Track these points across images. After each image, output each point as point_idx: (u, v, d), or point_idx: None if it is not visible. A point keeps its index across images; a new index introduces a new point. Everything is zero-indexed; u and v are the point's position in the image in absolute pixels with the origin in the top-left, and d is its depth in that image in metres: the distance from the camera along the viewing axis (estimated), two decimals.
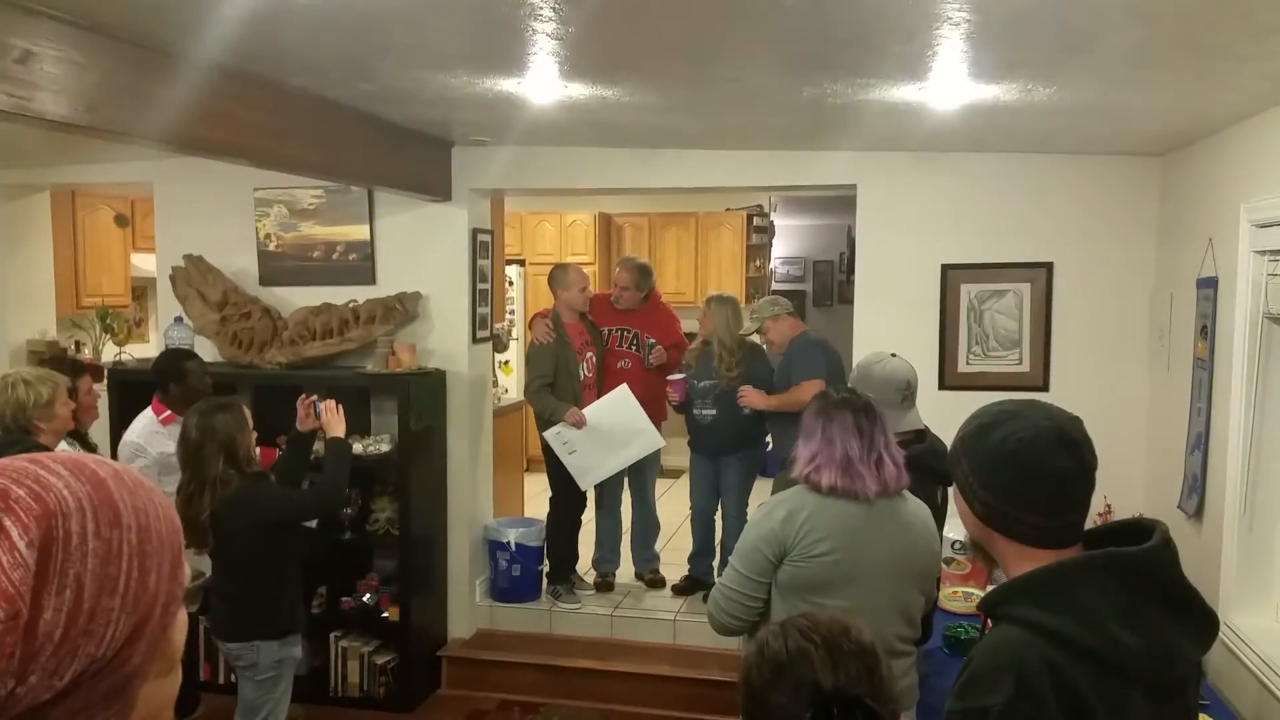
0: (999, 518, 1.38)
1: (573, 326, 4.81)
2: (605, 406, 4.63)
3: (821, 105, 3.30)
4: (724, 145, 4.51)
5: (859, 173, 4.49)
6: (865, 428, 2.20)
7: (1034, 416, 1.37)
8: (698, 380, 4.72)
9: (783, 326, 4.29)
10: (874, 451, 2.19)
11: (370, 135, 4.01)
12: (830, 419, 2.22)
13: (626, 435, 4.65)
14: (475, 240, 4.83)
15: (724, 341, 4.61)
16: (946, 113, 3.33)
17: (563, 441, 4.61)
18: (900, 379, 2.73)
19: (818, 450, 2.21)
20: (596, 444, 4.61)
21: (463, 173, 4.76)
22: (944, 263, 4.43)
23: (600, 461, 4.65)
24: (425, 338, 4.79)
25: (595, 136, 4.35)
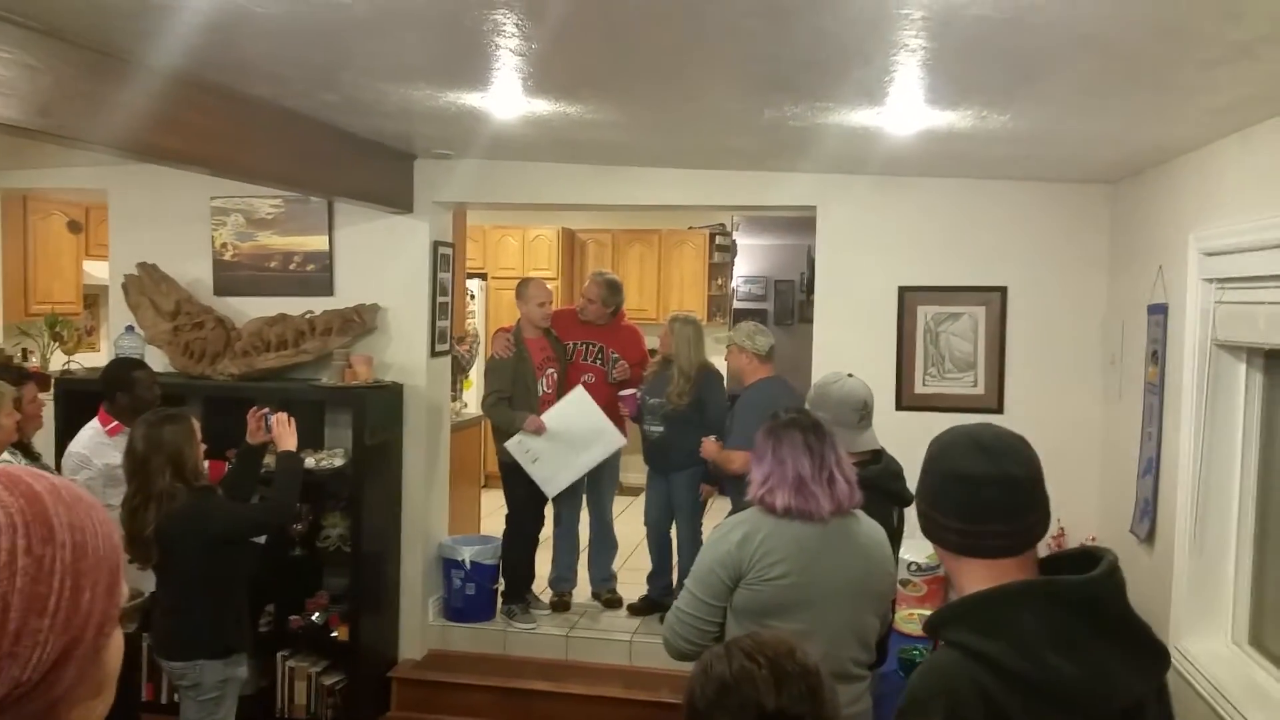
0: (929, 525, 1.44)
1: (535, 341, 4.81)
2: (564, 410, 4.63)
3: (782, 127, 3.34)
4: (686, 164, 4.54)
5: (819, 195, 4.53)
6: (815, 446, 2.21)
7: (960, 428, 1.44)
8: (649, 396, 4.73)
9: (743, 362, 4.09)
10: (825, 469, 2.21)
11: (331, 146, 3.99)
12: (779, 439, 2.23)
13: (588, 437, 4.65)
14: (436, 253, 4.81)
15: (681, 366, 4.63)
16: (904, 138, 3.38)
17: (524, 450, 4.59)
18: (857, 399, 2.75)
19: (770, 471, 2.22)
20: (559, 449, 4.60)
21: (425, 185, 4.74)
22: (901, 285, 4.47)
23: (564, 466, 4.64)
24: (383, 351, 4.76)
25: (559, 152, 4.36)
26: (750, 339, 4.08)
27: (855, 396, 2.75)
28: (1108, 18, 1.99)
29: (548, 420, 4.58)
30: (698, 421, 4.60)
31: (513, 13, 2.17)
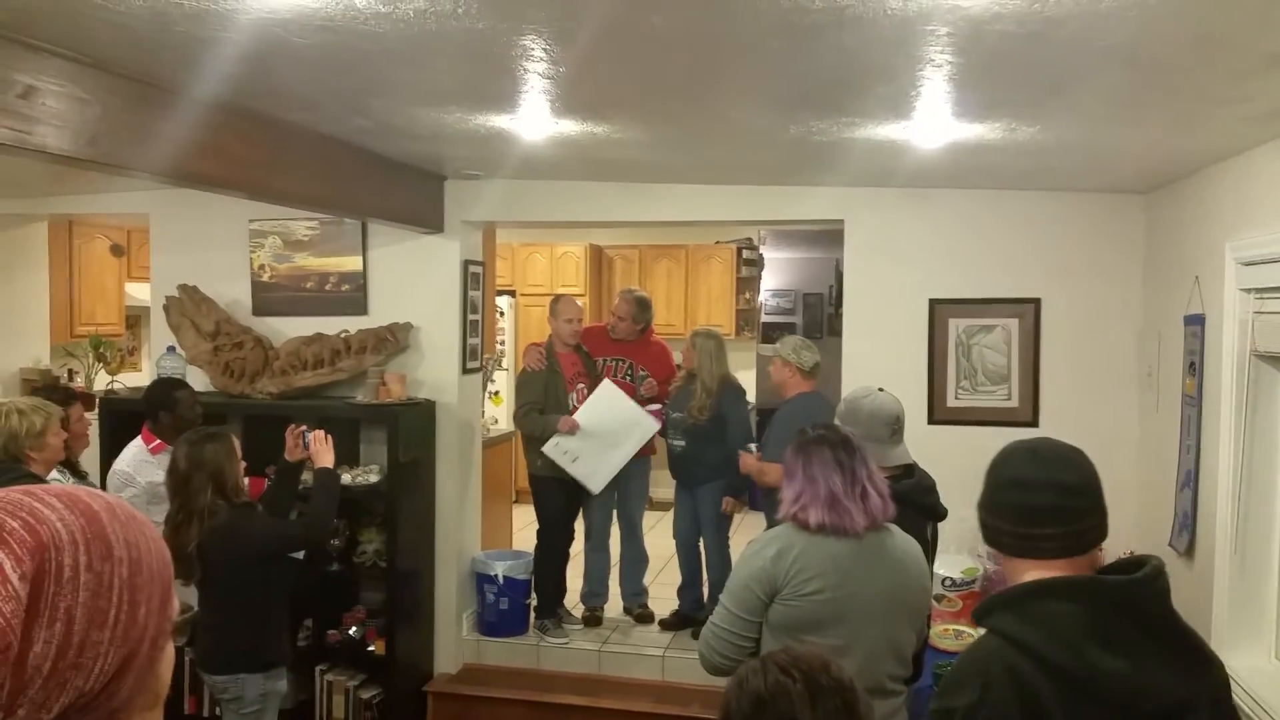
0: (987, 529, 1.54)
1: (566, 357, 4.84)
2: (594, 406, 4.66)
3: (807, 143, 3.36)
4: (712, 180, 4.56)
5: (846, 208, 4.54)
6: (845, 461, 2.21)
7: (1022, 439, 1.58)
8: (673, 411, 4.75)
9: (785, 375, 4.05)
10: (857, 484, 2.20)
11: (364, 169, 4.05)
12: (809, 456, 2.23)
13: (622, 429, 4.68)
14: (467, 271, 4.86)
15: (704, 380, 4.63)
16: (931, 151, 3.38)
17: (563, 452, 4.62)
18: (888, 413, 2.75)
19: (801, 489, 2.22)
20: (595, 445, 4.63)
21: (455, 205, 4.80)
22: (932, 297, 4.46)
23: (603, 460, 4.67)
24: (415, 368, 4.81)
25: (586, 170, 4.40)
26: (796, 353, 4.05)
27: (886, 411, 2.74)
28: (1134, 30, 1.99)
29: (580, 418, 4.61)
30: (719, 435, 4.60)
31: (541, 38, 2.21)
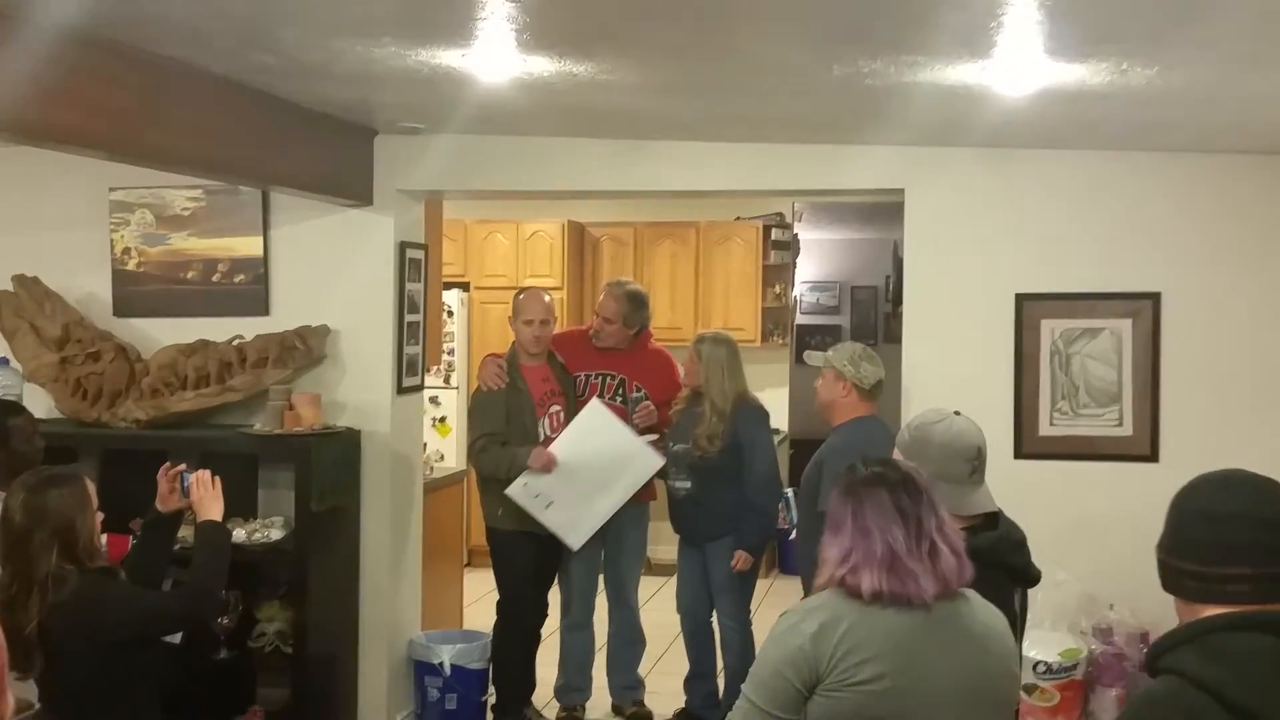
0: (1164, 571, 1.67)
1: (535, 371, 4.82)
2: (576, 433, 4.64)
3: (856, 88, 3.36)
4: (732, 137, 4.55)
5: (907, 174, 4.54)
6: (909, 508, 2.20)
7: (1214, 471, 1.72)
8: (674, 442, 4.73)
9: (837, 393, 3.98)
10: (924, 539, 2.19)
11: (266, 120, 4.02)
12: (861, 502, 2.22)
13: (614, 464, 4.67)
14: (403, 257, 4.84)
15: (713, 400, 4.63)
16: (1017, 100, 3.39)
17: (533, 495, 4.59)
18: (968, 444, 2.73)
19: (851, 545, 2.20)
20: (577, 487, 4.60)
21: (388, 169, 4.79)
22: (1019, 291, 4.47)
23: (587, 508, 4.66)
24: (334, 387, 4.79)
25: (564, 124, 4.39)
26: (854, 364, 3.98)
27: (965, 441, 2.73)
28: None
29: (557, 450, 4.60)
30: (734, 473, 4.60)
31: None
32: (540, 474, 4.56)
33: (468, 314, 7.87)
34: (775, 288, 8.18)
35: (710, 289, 8.01)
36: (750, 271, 7.99)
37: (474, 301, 7.91)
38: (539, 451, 4.58)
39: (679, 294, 7.99)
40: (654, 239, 8.06)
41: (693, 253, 8.03)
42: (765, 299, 8.05)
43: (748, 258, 8.01)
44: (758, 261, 8.00)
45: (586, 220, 8.11)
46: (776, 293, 8.19)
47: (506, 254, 7.95)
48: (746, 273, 7.99)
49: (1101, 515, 4.37)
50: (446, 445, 7.18)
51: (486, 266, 7.96)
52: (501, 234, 7.97)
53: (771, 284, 8.14)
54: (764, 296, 8.04)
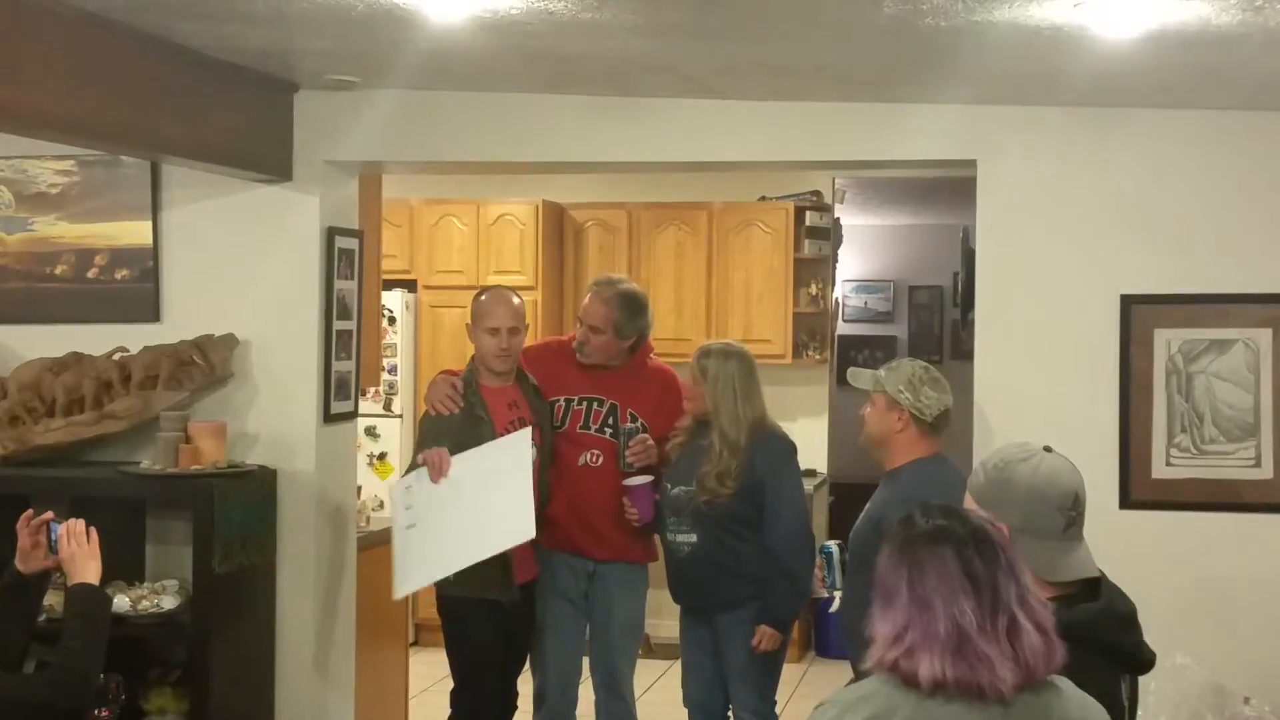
0: None
1: (499, 394, 4.80)
2: (486, 460, 4.61)
3: (914, 30, 3.36)
4: (753, 94, 4.55)
5: (979, 141, 4.55)
6: (980, 573, 2.17)
7: None
8: (672, 484, 4.72)
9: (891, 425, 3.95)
10: (1001, 612, 2.17)
11: (155, 71, 4.02)
12: (921, 565, 2.19)
13: (495, 511, 4.60)
14: (332, 248, 4.85)
15: (723, 429, 4.62)
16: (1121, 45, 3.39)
17: (405, 505, 4.58)
18: (1064, 489, 2.71)
19: (906, 621, 2.18)
20: (448, 518, 4.57)
21: (312, 135, 4.80)
22: (1125, 293, 4.48)
23: (442, 547, 4.61)
24: (243, 414, 4.80)
25: (538, 77, 4.38)
26: (912, 389, 3.92)
27: (1060, 486, 2.70)
28: None
29: (457, 465, 4.56)
30: (753, 522, 4.60)
31: None
32: (425, 481, 4.54)
33: (415, 321, 7.85)
34: (811, 288, 8.16)
35: (727, 289, 7.98)
36: (778, 267, 7.97)
37: (423, 305, 7.89)
38: (438, 453, 4.54)
39: (687, 296, 7.98)
40: (654, 225, 8.04)
41: (704, 243, 8.01)
42: (798, 302, 8.03)
43: (775, 250, 7.98)
44: (788, 254, 7.97)
45: (567, 201, 8.10)
46: (812, 294, 8.17)
47: (465, 244, 7.93)
48: (774, 269, 7.97)
49: (1233, 581, 4.36)
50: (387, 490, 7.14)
51: (439, 260, 7.94)
52: (458, 218, 7.95)
53: (806, 283, 8.12)
54: (796, 299, 8.02)
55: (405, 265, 7.83)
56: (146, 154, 4.65)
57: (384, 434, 7.49)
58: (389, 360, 7.42)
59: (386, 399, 7.53)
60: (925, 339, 10.57)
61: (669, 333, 7.42)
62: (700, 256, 8.01)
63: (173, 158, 4.59)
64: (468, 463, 4.57)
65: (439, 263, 7.93)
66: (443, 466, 4.52)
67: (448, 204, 7.93)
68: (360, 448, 6.36)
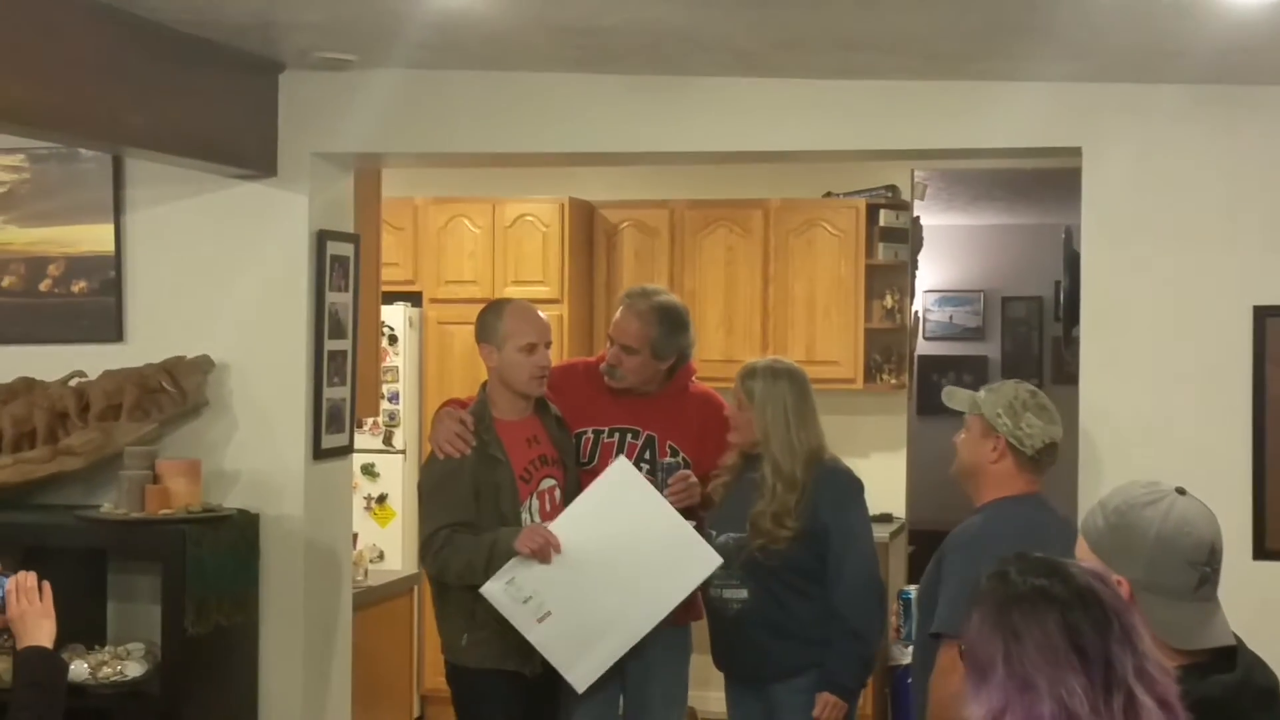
0: None
1: (516, 428, 4.80)
2: (592, 508, 4.61)
3: None
4: (819, 72, 4.56)
5: (1085, 126, 4.55)
6: (1091, 643, 2.14)
7: None
8: (717, 531, 4.69)
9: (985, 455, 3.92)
10: (1116, 689, 2.14)
11: (118, 50, 4.05)
12: (1019, 635, 2.17)
13: (651, 558, 4.62)
14: (323, 254, 4.88)
15: (776, 460, 4.60)
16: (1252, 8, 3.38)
17: (522, 599, 4.50)
18: (1198, 540, 2.67)
19: (1005, 702, 2.16)
20: (591, 589, 4.57)
21: (300, 123, 4.83)
22: (1259, 304, 4.46)
23: (606, 624, 4.62)
24: (220, 450, 4.83)
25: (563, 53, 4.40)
26: (1012, 414, 3.89)
27: (1195, 536, 2.67)
28: None
29: (561, 531, 4.55)
30: (815, 574, 4.59)
31: None
32: (533, 564, 4.53)
33: (420, 340, 7.87)
34: (886, 300, 8.14)
35: (786, 302, 7.97)
36: (847, 275, 7.95)
37: (429, 321, 7.90)
38: (533, 530, 4.54)
39: (738, 309, 7.97)
40: (700, 226, 8.03)
41: (759, 247, 7.99)
42: (870, 317, 8.02)
43: (843, 255, 7.96)
44: (858, 261, 7.96)
45: (598, 199, 8.12)
46: (887, 307, 8.15)
47: (478, 250, 7.93)
48: (841, 277, 7.95)
49: None
50: (388, 538, 7.16)
51: (448, 269, 7.95)
52: (470, 219, 7.96)
53: (879, 294, 8.11)
54: (868, 314, 8.01)
55: (409, 275, 7.84)
56: (107, 145, 4.67)
57: (384, 472, 7.48)
58: (390, 386, 7.42)
59: (387, 432, 7.53)
60: (1022, 359, 10.56)
61: (717, 353, 7.46)
62: (755, 263, 7.99)
63: (137, 150, 4.61)
64: (572, 521, 4.56)
65: (448, 272, 7.93)
66: (552, 544, 4.50)
67: (458, 203, 7.95)
68: (357, 489, 6.38)
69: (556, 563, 4.50)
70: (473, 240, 7.93)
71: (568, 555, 4.51)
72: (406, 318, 7.73)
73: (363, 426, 6.05)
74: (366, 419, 6.14)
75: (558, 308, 7.54)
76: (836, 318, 7.92)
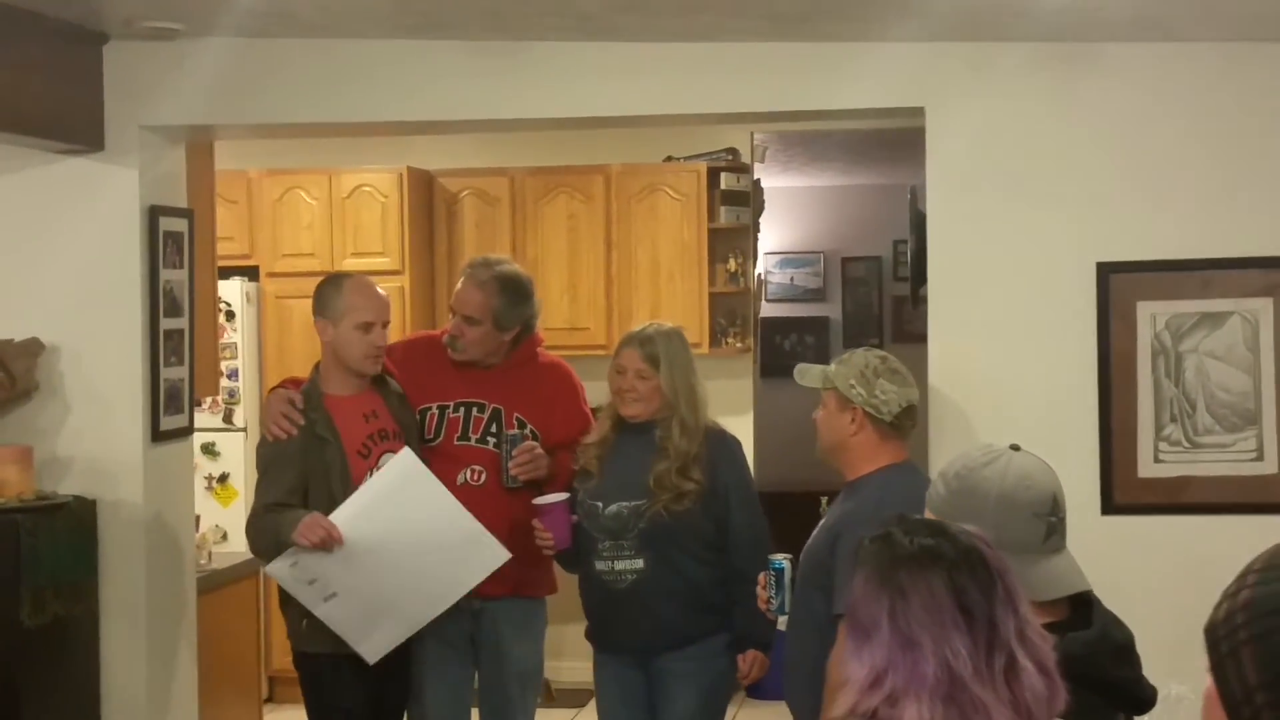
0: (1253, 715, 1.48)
1: (351, 405, 4.76)
2: (375, 498, 4.61)
3: None
4: (655, 34, 4.56)
5: (928, 85, 4.58)
6: (976, 604, 2.17)
7: None
8: (604, 502, 4.67)
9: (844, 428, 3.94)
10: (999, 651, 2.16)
11: None
12: (905, 594, 2.18)
13: (436, 549, 4.62)
14: (155, 230, 4.84)
15: (683, 418, 4.61)
16: None
17: (306, 580, 4.54)
18: (1040, 493, 2.74)
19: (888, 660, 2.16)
20: (376, 574, 4.58)
21: (126, 95, 4.77)
22: (1102, 260, 4.52)
23: (393, 604, 4.62)
24: (52, 435, 4.78)
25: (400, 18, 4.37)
26: (865, 383, 3.91)
27: (1036, 489, 2.74)
28: None
29: (342, 521, 4.54)
30: (711, 543, 4.60)
31: None
32: (313, 551, 4.50)
33: (258, 315, 7.82)
34: (729, 263, 8.18)
35: (630, 268, 8.00)
36: (690, 239, 7.99)
37: (267, 295, 7.85)
38: (312, 520, 4.49)
39: (582, 276, 7.99)
40: (541, 194, 8.03)
41: (601, 213, 8.02)
42: (714, 281, 8.06)
43: (686, 219, 8.00)
44: (700, 224, 7.99)
45: (437, 167, 8.10)
46: (730, 271, 8.19)
47: (315, 222, 7.88)
48: (684, 242, 7.99)
49: None
50: (231, 518, 7.06)
51: (285, 242, 7.89)
52: (307, 191, 7.91)
53: (723, 258, 8.14)
54: (712, 277, 8.05)
55: (245, 249, 7.79)
56: None
57: (225, 451, 7.43)
58: (229, 363, 7.37)
59: (227, 410, 7.47)
60: (863, 319, 10.69)
61: (562, 321, 7.48)
62: (597, 230, 8.02)
63: None
64: (354, 512, 4.53)
65: (285, 245, 7.89)
66: (333, 536, 4.47)
67: (294, 175, 7.90)
68: (197, 469, 6.29)
69: (339, 551, 4.49)
70: (309, 212, 7.89)
71: (350, 544, 4.51)
72: (244, 293, 7.67)
73: (202, 405, 5.97)
74: (205, 398, 6.07)
75: (399, 279, 7.53)
76: (680, 282, 7.97)
